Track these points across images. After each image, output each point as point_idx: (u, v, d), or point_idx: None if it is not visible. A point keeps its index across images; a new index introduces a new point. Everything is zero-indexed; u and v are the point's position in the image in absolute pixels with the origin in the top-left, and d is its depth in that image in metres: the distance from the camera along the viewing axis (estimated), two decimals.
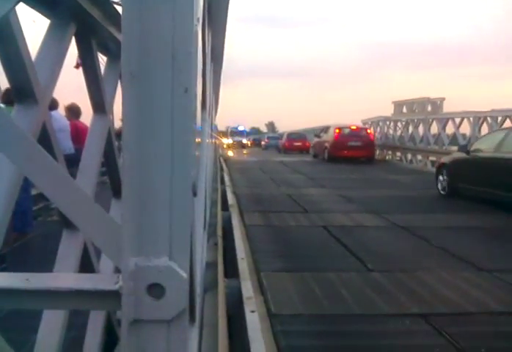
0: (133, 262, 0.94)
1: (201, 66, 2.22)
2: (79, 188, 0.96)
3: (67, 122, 5.78)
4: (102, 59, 3.12)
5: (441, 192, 10.55)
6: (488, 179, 8.61)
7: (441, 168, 10.93)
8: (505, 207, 8.09)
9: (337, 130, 19.94)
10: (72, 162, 2.69)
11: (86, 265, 2.41)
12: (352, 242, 6.09)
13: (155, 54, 0.93)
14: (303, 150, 29.71)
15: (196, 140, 1.25)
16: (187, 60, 0.95)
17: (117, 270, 2.79)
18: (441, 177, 10.59)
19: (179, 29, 0.94)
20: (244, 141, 47.57)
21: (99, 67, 2.75)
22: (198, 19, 1.03)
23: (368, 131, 20.76)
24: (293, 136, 33.14)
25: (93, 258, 2.53)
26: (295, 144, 31.46)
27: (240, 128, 55.22)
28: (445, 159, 11.25)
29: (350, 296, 4.14)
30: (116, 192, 3.38)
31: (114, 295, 0.92)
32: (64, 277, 0.97)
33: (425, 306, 3.95)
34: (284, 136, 33.90)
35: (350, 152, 19.10)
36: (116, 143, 3.31)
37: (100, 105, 2.88)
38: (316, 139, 23.45)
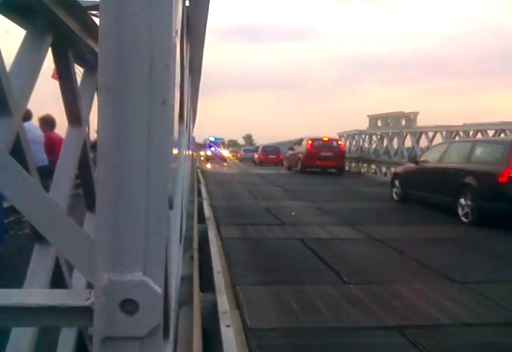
0: (105, 277, 0.92)
1: (179, 78, 2.21)
2: (52, 201, 0.94)
3: (40, 134, 5.67)
4: (78, 71, 3.09)
5: (396, 199, 11.58)
6: (432, 186, 9.75)
7: (395, 177, 12.10)
8: (445, 210, 9.20)
9: (310, 142, 20.96)
10: (46, 174, 2.64)
11: (58, 281, 2.35)
12: (328, 254, 6.11)
13: (132, 66, 0.92)
14: (277, 163, 30.71)
15: (174, 152, 1.24)
16: (165, 72, 0.95)
17: (90, 286, 2.73)
18: (395, 185, 11.71)
19: (157, 41, 0.93)
20: (226, 153, 40.98)
21: (75, 78, 2.72)
22: (176, 31, 1.03)
23: (339, 143, 21.69)
24: (268, 149, 34.50)
25: (65, 273, 2.47)
26: (270, 156, 32.68)
27: (218, 137, 46.32)
28: (398, 169, 12.40)
29: (326, 309, 4.13)
30: (91, 205, 3.32)
31: (86, 312, 0.89)
32: (33, 293, 0.94)
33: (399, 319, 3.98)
34: (260, 149, 35.01)
35: (322, 162, 20.18)
36: (91, 155, 3.27)
37: (76, 117, 2.84)
38: (290, 152, 24.22)
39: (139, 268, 0.94)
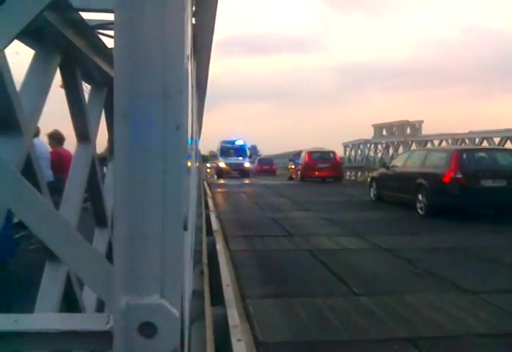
0: (124, 301, 0.92)
1: (191, 101, 2.24)
2: (67, 222, 0.95)
3: (46, 149, 5.71)
4: (86, 87, 3.13)
5: (372, 198, 13.75)
6: (398, 186, 11.85)
7: (372, 180, 14.32)
8: (409, 206, 11.03)
9: (308, 154, 23.26)
10: (52, 190, 2.65)
11: (70, 298, 2.36)
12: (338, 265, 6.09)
13: (146, 92, 0.94)
14: (270, 173, 36.62)
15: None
16: (178, 98, 0.96)
17: (100, 303, 2.73)
18: (372, 188, 13.93)
19: (170, 67, 0.95)
20: (247, 164, 30.89)
21: (83, 96, 2.76)
22: (188, 56, 1.05)
23: (335, 154, 23.76)
24: (263, 161, 40.50)
25: (77, 291, 2.48)
26: (264, 167, 38.02)
27: (239, 143, 32.69)
28: (374, 174, 14.54)
29: (337, 322, 4.11)
30: (100, 221, 3.34)
31: (105, 336, 0.90)
32: (53, 317, 0.95)
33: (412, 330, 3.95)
34: (256, 161, 39.01)
35: (320, 172, 22.30)
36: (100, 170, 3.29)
37: (84, 134, 2.87)
38: (290, 163, 28.17)
39: (156, 290, 0.95)
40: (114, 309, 0.92)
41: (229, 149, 31.75)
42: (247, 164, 30.88)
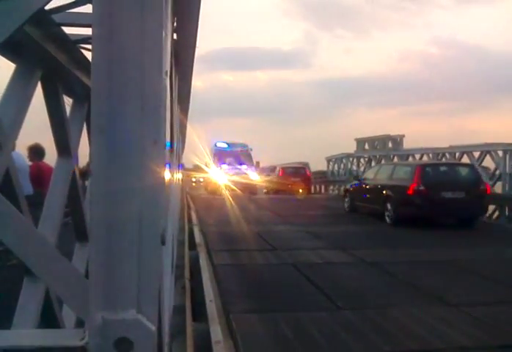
0: (99, 316, 0.92)
1: (169, 115, 2.24)
2: (45, 239, 0.94)
3: (24, 162, 5.62)
4: (67, 101, 3.12)
5: (346, 210, 14.38)
6: (369, 198, 12.86)
7: (345, 193, 15.27)
8: (379, 216, 11.82)
9: (281, 169, 25.33)
10: (31, 204, 2.62)
11: (48, 314, 2.32)
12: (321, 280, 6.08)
13: (124, 107, 0.95)
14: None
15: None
16: (156, 113, 0.97)
17: (80, 319, 2.68)
18: (346, 199, 14.67)
19: (148, 83, 0.96)
20: (253, 176, 22.46)
21: (65, 110, 2.75)
22: (166, 72, 1.06)
23: (305, 169, 25.79)
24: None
25: (56, 306, 2.44)
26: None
27: (240, 146, 24.32)
28: (347, 186, 15.47)
29: (321, 337, 4.09)
30: (81, 236, 3.30)
31: (81, 351, 0.89)
32: (29, 333, 0.93)
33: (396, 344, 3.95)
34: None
35: (292, 186, 23.51)
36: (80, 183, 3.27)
37: (65, 148, 2.85)
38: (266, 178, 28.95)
39: (133, 305, 0.95)
40: (90, 325, 0.92)
41: (226, 154, 22.36)
42: (254, 176, 21.37)
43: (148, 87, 0.96)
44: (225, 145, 24.05)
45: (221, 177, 20.84)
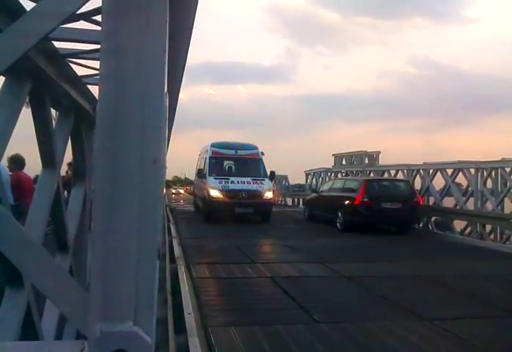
0: (98, 328, 0.95)
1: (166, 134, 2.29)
2: (46, 253, 0.97)
3: (6, 172, 5.56)
4: (53, 114, 3.14)
5: (306, 219, 16.45)
6: (325, 207, 14.82)
7: (305, 203, 17.86)
8: (332, 223, 13.92)
9: None
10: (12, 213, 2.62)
11: (29, 325, 2.31)
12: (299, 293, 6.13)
13: (126, 127, 1.00)
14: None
15: None
16: (156, 133, 1.02)
17: (59, 331, 2.67)
18: (305, 209, 16.94)
19: (148, 104, 1.01)
20: (268, 192, 15.41)
21: (51, 123, 2.77)
22: (166, 94, 1.12)
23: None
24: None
25: (36, 318, 2.43)
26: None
27: (247, 149, 16.57)
28: (307, 198, 17.84)
29: (298, 350, 4.12)
30: (61, 247, 3.29)
31: None
32: (28, 345, 0.96)
33: None
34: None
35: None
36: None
37: (50, 160, 2.86)
38: None
39: (130, 317, 0.98)
40: (89, 337, 0.95)
41: (227, 160, 16.13)
42: (268, 193, 15.11)
43: (149, 107, 1.01)
44: (226, 147, 16.01)
45: (219, 193, 14.49)
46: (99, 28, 2.91)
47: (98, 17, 2.71)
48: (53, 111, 3.07)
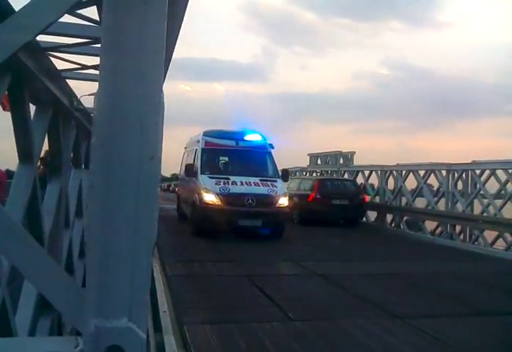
0: (92, 324, 0.95)
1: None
2: (40, 249, 0.96)
3: None
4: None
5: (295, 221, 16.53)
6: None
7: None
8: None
9: None
10: None
11: (3, 322, 2.26)
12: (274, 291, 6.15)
13: (124, 123, 0.99)
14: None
15: None
16: (154, 129, 1.02)
17: (32, 327, 2.61)
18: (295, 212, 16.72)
19: (147, 101, 1.01)
20: (282, 198, 11.10)
21: (30, 117, 2.71)
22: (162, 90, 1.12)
23: None
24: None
25: (10, 314, 2.37)
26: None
27: (251, 139, 12.05)
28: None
29: (274, 348, 4.15)
30: (38, 240, 3.22)
31: None
32: (22, 342, 0.94)
33: None
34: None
35: None
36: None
37: (28, 155, 2.80)
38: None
39: (124, 314, 0.98)
40: (84, 332, 0.95)
41: (225, 153, 12.46)
42: (283, 199, 11.31)
43: (147, 104, 1.01)
44: (223, 136, 12.02)
45: (216, 198, 10.59)
46: (80, 21, 2.86)
47: (80, 11, 2.67)
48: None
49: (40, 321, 3.17)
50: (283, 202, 11.13)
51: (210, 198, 10.61)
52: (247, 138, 12.07)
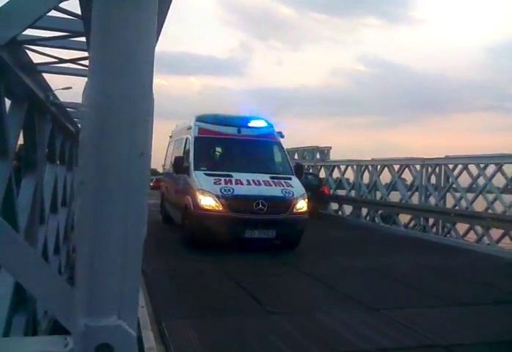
0: (82, 323, 0.95)
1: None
2: (29, 247, 0.95)
3: None
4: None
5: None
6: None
7: None
8: None
9: None
10: None
11: None
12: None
13: (115, 120, 0.99)
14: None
15: None
16: (144, 126, 1.02)
17: (7, 327, 2.57)
18: None
19: (138, 98, 1.01)
20: (300, 200, 8.71)
21: (5, 111, 2.65)
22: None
23: None
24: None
25: None
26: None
27: (256, 125, 9.53)
28: None
29: (254, 341, 4.18)
30: None
31: None
32: (12, 341, 0.93)
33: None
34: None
35: None
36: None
37: (3, 149, 2.75)
38: None
39: (114, 312, 0.98)
40: (73, 331, 0.94)
41: (225, 144, 9.79)
42: (301, 202, 8.76)
43: (138, 101, 1.01)
44: (222, 122, 9.65)
45: (216, 201, 8.35)
46: (58, 14, 2.80)
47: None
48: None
49: (15, 320, 3.12)
50: (301, 206, 8.66)
51: (208, 202, 8.23)
52: (251, 124, 9.53)
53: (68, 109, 5.14)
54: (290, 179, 8.99)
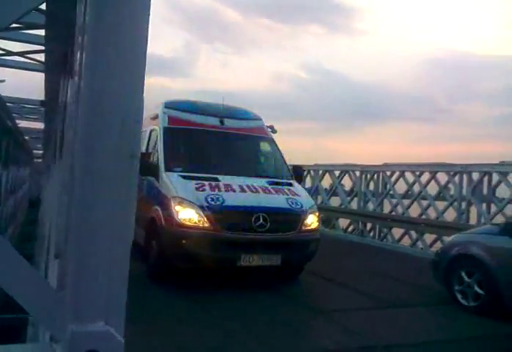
0: (69, 329, 0.91)
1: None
2: (14, 252, 0.90)
3: None
4: None
5: None
6: None
7: None
8: None
9: None
10: None
11: None
12: None
13: (105, 121, 0.96)
14: None
15: None
16: (134, 128, 1.00)
17: None
18: None
19: (129, 99, 0.99)
20: (311, 213, 6.51)
21: None
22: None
23: None
24: None
25: None
26: None
27: (230, 124, 7.17)
28: None
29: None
30: None
31: None
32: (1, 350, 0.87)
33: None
34: None
35: None
36: None
37: None
38: None
39: (101, 317, 0.95)
40: (60, 338, 0.91)
41: (204, 137, 7.07)
42: (312, 216, 6.54)
43: (129, 102, 0.99)
44: (200, 110, 7.27)
45: (198, 213, 5.79)
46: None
47: None
48: None
49: None
50: (312, 221, 6.54)
51: (187, 215, 5.84)
52: (236, 115, 7.46)
53: (8, 104, 4.89)
54: (291, 185, 6.89)
